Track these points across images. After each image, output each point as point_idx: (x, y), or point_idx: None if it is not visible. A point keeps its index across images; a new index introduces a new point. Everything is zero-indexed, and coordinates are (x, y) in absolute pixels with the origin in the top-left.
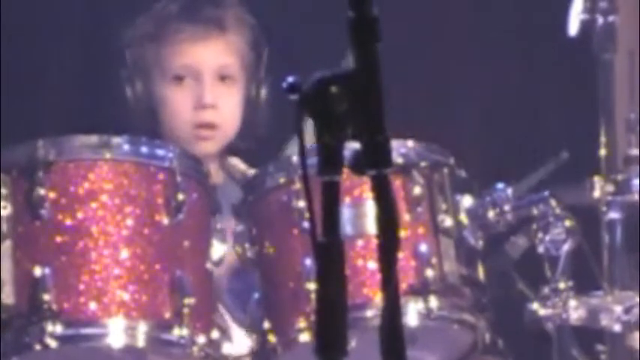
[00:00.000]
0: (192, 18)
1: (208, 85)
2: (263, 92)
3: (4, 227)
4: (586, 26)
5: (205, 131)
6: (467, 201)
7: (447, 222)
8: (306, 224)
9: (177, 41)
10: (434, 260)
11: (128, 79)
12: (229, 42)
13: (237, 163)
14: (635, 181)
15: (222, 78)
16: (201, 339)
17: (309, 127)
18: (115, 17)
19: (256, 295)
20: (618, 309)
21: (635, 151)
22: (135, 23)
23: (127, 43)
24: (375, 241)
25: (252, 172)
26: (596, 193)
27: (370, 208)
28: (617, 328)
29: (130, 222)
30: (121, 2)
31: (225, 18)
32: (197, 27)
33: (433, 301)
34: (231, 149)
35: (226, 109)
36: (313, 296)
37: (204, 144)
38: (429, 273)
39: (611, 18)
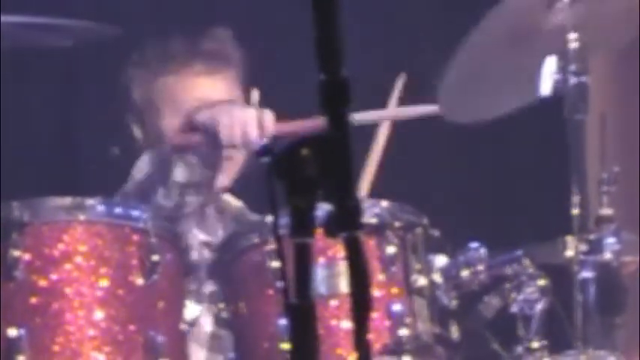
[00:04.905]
0: (199, 53)
1: None
2: None
3: None
4: (558, 86)
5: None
6: (440, 261)
7: (421, 282)
8: (280, 284)
9: (189, 76)
10: (408, 320)
11: (136, 119)
12: (233, 76)
13: (230, 199)
14: (608, 241)
15: None
16: None
17: None
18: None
19: (231, 356)
20: None
21: (607, 211)
22: (136, 61)
23: (133, 80)
24: (349, 301)
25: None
26: (569, 253)
27: (344, 268)
28: None
29: (104, 283)
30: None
31: (227, 51)
32: (205, 61)
33: None
34: None
35: None
36: (287, 357)
37: (222, 176)
38: (403, 332)
39: (583, 78)
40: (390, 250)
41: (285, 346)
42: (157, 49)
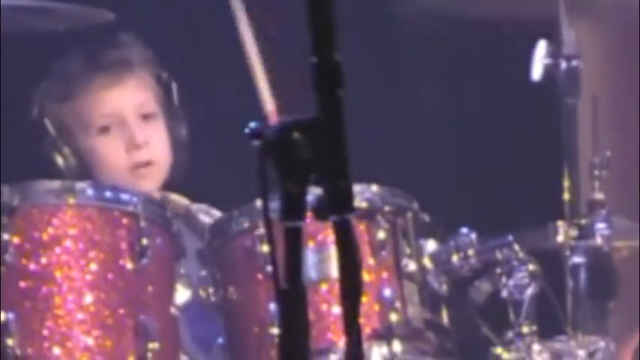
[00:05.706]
0: (99, 66)
1: (134, 125)
2: (183, 129)
3: None
4: (549, 71)
5: (142, 170)
6: (431, 245)
7: (411, 266)
8: (270, 269)
9: (91, 92)
10: (398, 304)
11: (53, 147)
12: (140, 79)
13: (177, 198)
14: (599, 226)
15: (145, 116)
16: None
17: None
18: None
19: (221, 340)
20: (582, 353)
21: (598, 196)
22: (43, 89)
23: (43, 111)
24: (339, 286)
25: (194, 206)
26: (560, 238)
27: (335, 252)
28: None
29: (94, 267)
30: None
31: (130, 56)
32: (106, 73)
33: (397, 346)
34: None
35: (157, 145)
36: (277, 341)
37: (144, 183)
38: (393, 317)
39: (574, 62)
40: (381, 234)
41: (276, 330)
42: (60, 74)
